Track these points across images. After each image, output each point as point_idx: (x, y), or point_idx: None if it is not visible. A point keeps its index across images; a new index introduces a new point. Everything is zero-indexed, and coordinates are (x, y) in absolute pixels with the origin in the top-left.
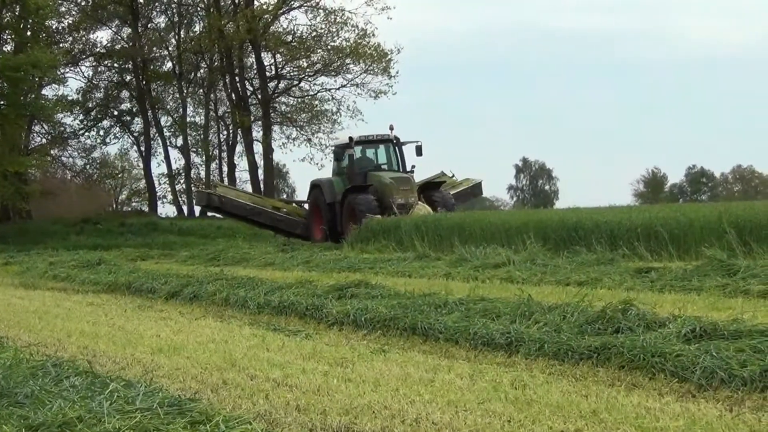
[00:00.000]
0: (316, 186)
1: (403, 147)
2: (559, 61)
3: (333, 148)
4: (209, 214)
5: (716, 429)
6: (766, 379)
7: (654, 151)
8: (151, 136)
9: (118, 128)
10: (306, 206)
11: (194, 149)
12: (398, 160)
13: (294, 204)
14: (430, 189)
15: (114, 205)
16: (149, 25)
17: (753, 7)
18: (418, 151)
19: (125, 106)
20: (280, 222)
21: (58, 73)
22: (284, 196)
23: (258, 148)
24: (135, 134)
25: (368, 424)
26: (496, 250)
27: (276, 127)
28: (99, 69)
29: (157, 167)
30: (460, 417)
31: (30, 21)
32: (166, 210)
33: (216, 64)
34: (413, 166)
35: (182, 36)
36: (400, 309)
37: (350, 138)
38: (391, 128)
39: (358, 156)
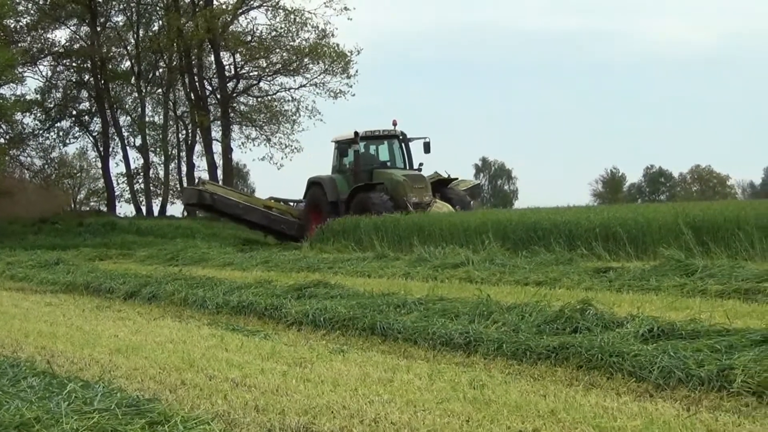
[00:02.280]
0: (315, 183)
1: (410, 143)
2: (518, 62)
3: (335, 143)
4: (186, 213)
5: (673, 428)
6: (723, 378)
7: (613, 151)
8: (110, 135)
9: (77, 128)
10: (293, 205)
11: (153, 149)
12: (404, 157)
13: (283, 203)
14: (442, 187)
15: (72, 205)
16: (108, 24)
17: (711, 8)
18: (427, 147)
19: (84, 105)
20: (275, 222)
21: (16, 72)
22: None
23: (217, 147)
24: (94, 134)
25: (327, 424)
26: (455, 250)
27: (235, 127)
28: (57, 68)
29: (116, 167)
30: (418, 417)
31: None
32: (124, 210)
33: (175, 63)
34: (421, 164)
35: (141, 35)
36: (359, 309)
37: (356, 133)
38: (395, 123)
39: (362, 152)
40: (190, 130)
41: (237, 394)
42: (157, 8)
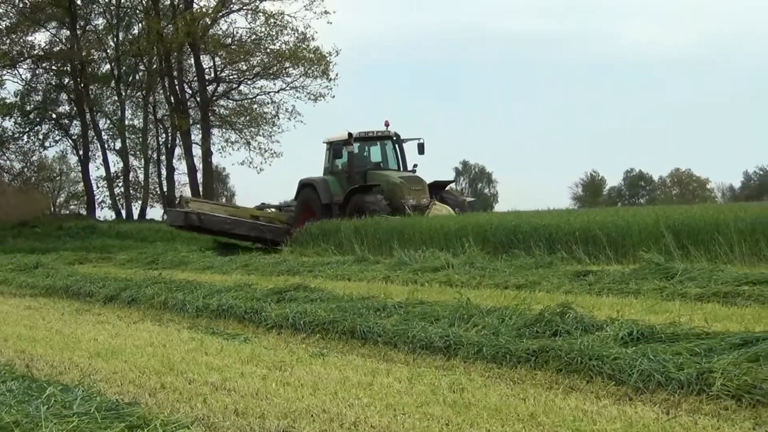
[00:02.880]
0: (307, 185)
1: (404, 144)
2: (498, 64)
3: (327, 144)
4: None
5: (653, 431)
6: (703, 382)
7: (593, 155)
8: (90, 139)
9: (56, 131)
10: (282, 209)
11: (133, 152)
12: (398, 159)
13: (269, 210)
14: (438, 189)
15: (52, 209)
16: (87, 27)
17: (687, 9)
18: (421, 149)
19: (64, 108)
20: (265, 231)
21: None
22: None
23: (197, 151)
24: (74, 137)
25: (307, 427)
26: (435, 253)
27: (215, 131)
28: (37, 71)
29: (96, 170)
30: (398, 420)
31: None
32: (104, 213)
33: (155, 66)
34: (415, 165)
35: (121, 38)
36: (339, 312)
37: (349, 134)
38: (387, 124)
39: (356, 153)
40: (169, 134)
41: (216, 397)
42: (137, 11)
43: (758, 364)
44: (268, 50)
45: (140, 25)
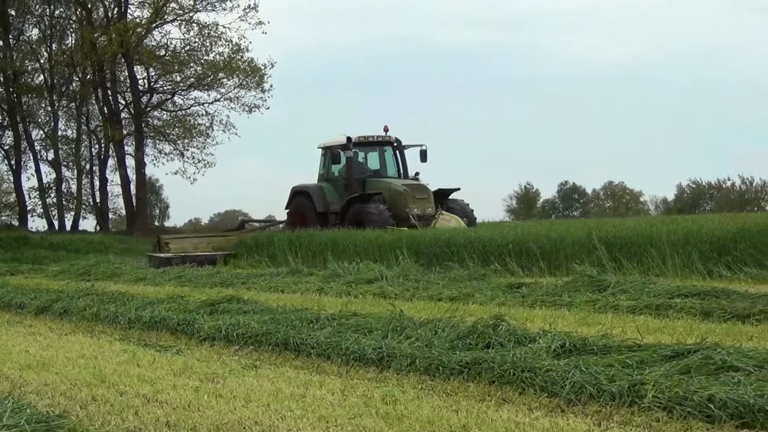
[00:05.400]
0: (300, 193)
1: (405, 151)
2: (433, 76)
3: (323, 149)
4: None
5: None
6: (634, 394)
7: (527, 167)
8: (22, 149)
9: None
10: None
11: (66, 163)
12: (398, 165)
13: (254, 225)
14: (442, 198)
15: None
16: (21, 38)
17: (620, 27)
18: (423, 156)
19: None
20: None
21: None
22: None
23: (130, 162)
24: (5, 148)
25: None
26: (369, 265)
27: (149, 141)
28: None
29: (28, 181)
30: None
31: None
32: (36, 224)
33: (88, 77)
34: (417, 173)
35: (54, 49)
36: (272, 324)
37: (348, 138)
38: (386, 129)
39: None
40: (103, 145)
41: (148, 409)
42: (71, 22)
43: (689, 376)
44: (203, 61)
45: (74, 35)
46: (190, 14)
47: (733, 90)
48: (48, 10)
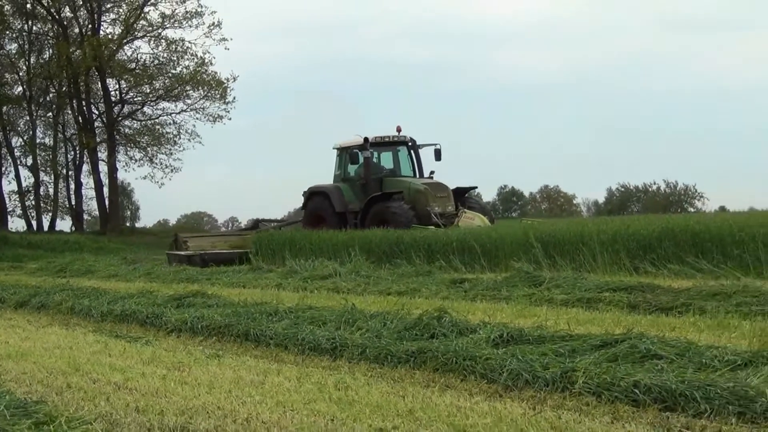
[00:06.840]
0: (318, 193)
1: (420, 150)
2: (378, 91)
3: (338, 150)
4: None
5: (520, 425)
6: (566, 380)
7: (469, 172)
8: (3, 155)
9: None
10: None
11: (43, 168)
12: (413, 165)
13: (271, 225)
14: (459, 196)
15: None
16: (1, 52)
17: (552, 41)
18: (437, 155)
19: None
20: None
21: None
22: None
23: (103, 167)
24: None
25: (203, 423)
26: (323, 262)
27: (120, 148)
28: None
29: (8, 185)
30: (287, 416)
31: None
32: (16, 225)
33: (64, 89)
34: (432, 172)
35: (33, 62)
36: (234, 317)
37: (365, 139)
38: (399, 129)
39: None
40: (78, 151)
41: (119, 396)
42: (48, 37)
43: (617, 364)
44: (170, 74)
45: (51, 50)
46: (159, 31)
47: (658, 100)
48: (26, 26)
